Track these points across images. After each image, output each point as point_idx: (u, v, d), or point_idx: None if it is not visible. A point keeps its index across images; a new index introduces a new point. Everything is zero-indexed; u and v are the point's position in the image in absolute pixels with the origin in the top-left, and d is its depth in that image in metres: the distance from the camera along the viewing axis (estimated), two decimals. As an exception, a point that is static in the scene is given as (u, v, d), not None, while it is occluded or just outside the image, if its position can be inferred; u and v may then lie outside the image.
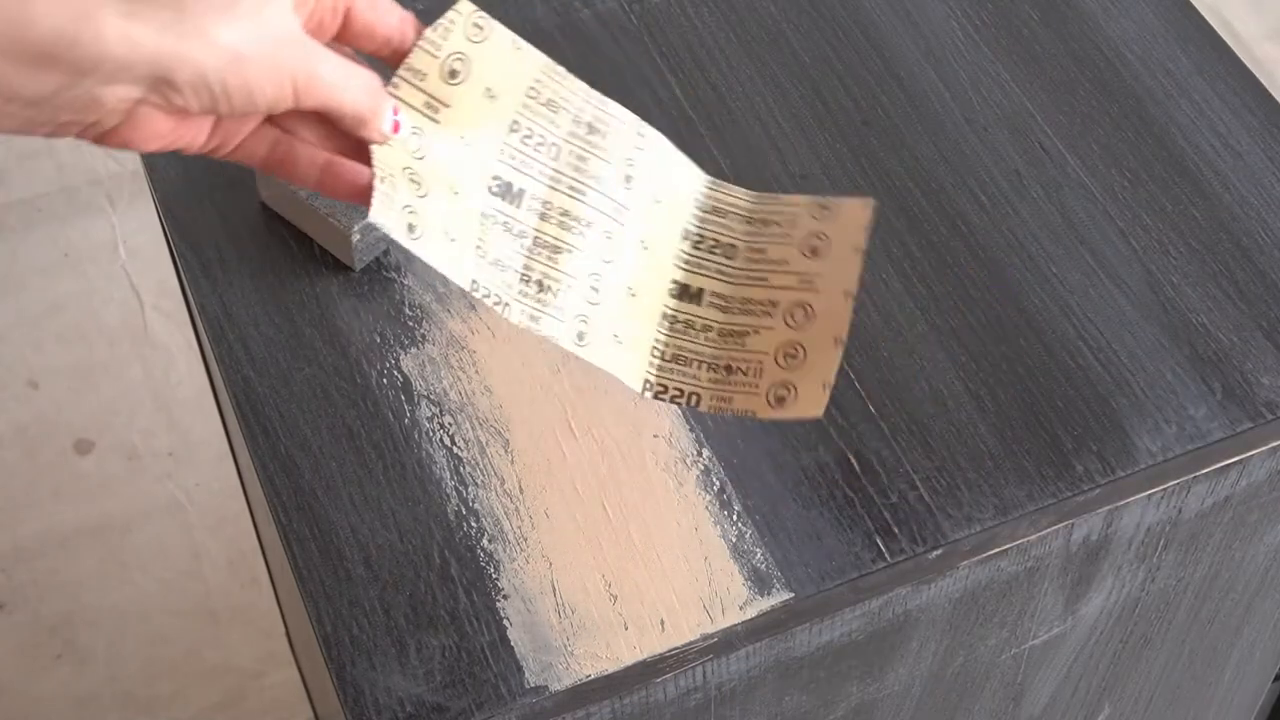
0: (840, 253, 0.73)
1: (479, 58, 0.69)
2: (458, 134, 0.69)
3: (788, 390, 0.72)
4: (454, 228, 0.68)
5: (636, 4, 0.99)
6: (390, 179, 0.66)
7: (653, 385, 0.74)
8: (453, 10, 0.68)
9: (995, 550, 0.80)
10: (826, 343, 0.72)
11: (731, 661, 0.77)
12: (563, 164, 0.71)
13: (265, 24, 0.60)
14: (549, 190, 0.71)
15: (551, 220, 0.71)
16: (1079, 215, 0.89)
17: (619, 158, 0.72)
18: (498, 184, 0.70)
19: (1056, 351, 0.84)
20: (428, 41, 0.68)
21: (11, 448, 1.75)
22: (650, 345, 0.74)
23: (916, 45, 0.97)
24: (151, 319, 1.88)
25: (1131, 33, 0.98)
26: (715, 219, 0.75)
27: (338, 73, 0.63)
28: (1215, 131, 0.93)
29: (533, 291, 0.70)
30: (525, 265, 0.70)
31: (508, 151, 0.70)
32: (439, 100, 0.68)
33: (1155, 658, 0.99)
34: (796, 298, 0.73)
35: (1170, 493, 0.83)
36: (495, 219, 0.70)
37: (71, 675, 1.58)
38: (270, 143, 0.66)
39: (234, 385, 0.83)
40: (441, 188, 0.68)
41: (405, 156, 0.67)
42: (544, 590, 0.76)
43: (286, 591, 1.18)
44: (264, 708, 1.57)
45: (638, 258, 0.73)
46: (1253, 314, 0.86)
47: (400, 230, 0.66)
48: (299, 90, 0.61)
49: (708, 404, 0.74)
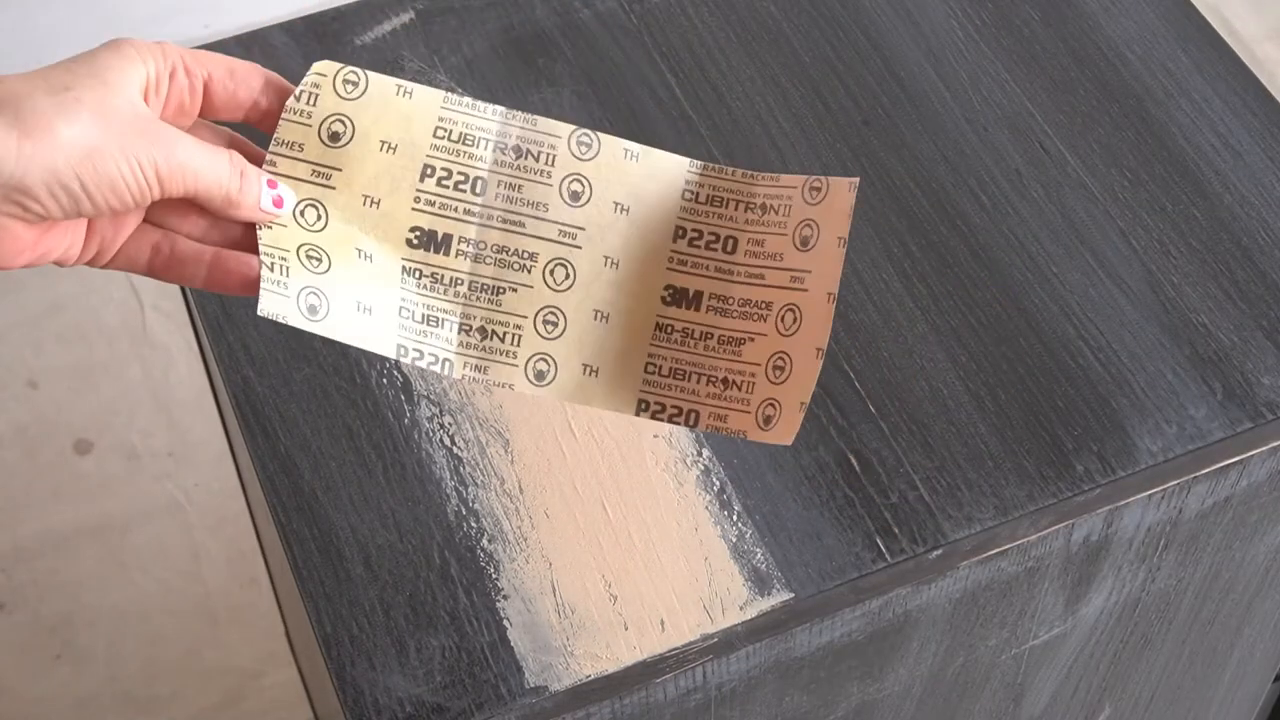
0: (826, 245, 0.67)
1: (361, 113, 0.65)
2: (359, 195, 0.65)
3: (774, 408, 0.66)
4: (368, 295, 0.65)
5: (636, 4, 0.99)
6: (281, 263, 0.63)
7: (649, 405, 0.68)
8: (312, 74, 0.65)
9: (995, 550, 0.80)
10: (809, 353, 0.66)
11: (731, 662, 0.77)
12: (492, 197, 0.67)
13: (113, 114, 0.57)
14: (480, 229, 0.67)
15: (487, 260, 0.67)
16: (1079, 215, 0.89)
17: (560, 176, 0.67)
18: (418, 235, 0.66)
19: (1057, 351, 0.84)
20: (292, 111, 0.64)
21: (11, 448, 1.75)
22: (643, 362, 0.68)
23: (917, 45, 0.97)
24: (151, 319, 1.88)
25: (1132, 32, 0.98)
26: (712, 209, 0.69)
27: (198, 154, 0.60)
28: (1215, 131, 0.93)
29: (476, 340, 0.67)
30: (464, 314, 0.67)
31: (424, 198, 0.66)
32: (327, 166, 0.65)
33: (1155, 658, 0.99)
34: (788, 299, 0.67)
35: (1170, 493, 0.83)
36: (420, 273, 0.66)
37: (71, 675, 1.58)
38: (152, 246, 0.63)
39: (233, 385, 0.83)
40: (348, 255, 0.65)
41: (299, 234, 0.64)
42: (544, 590, 0.76)
43: (286, 591, 1.17)
44: (264, 708, 1.56)
45: (603, 277, 0.68)
46: (1253, 314, 0.86)
47: (299, 315, 0.63)
48: (162, 177, 0.59)
49: (705, 422, 0.68)
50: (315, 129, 0.65)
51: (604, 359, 0.68)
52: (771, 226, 0.68)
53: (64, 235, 0.60)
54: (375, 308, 0.65)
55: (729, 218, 0.69)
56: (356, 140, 0.65)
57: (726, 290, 0.69)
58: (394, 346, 0.65)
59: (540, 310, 0.67)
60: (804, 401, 0.65)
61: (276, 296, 0.63)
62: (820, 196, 0.67)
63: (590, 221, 0.68)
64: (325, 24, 0.98)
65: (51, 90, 0.57)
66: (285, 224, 0.64)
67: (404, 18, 0.98)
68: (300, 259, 0.64)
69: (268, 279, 0.63)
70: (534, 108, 0.94)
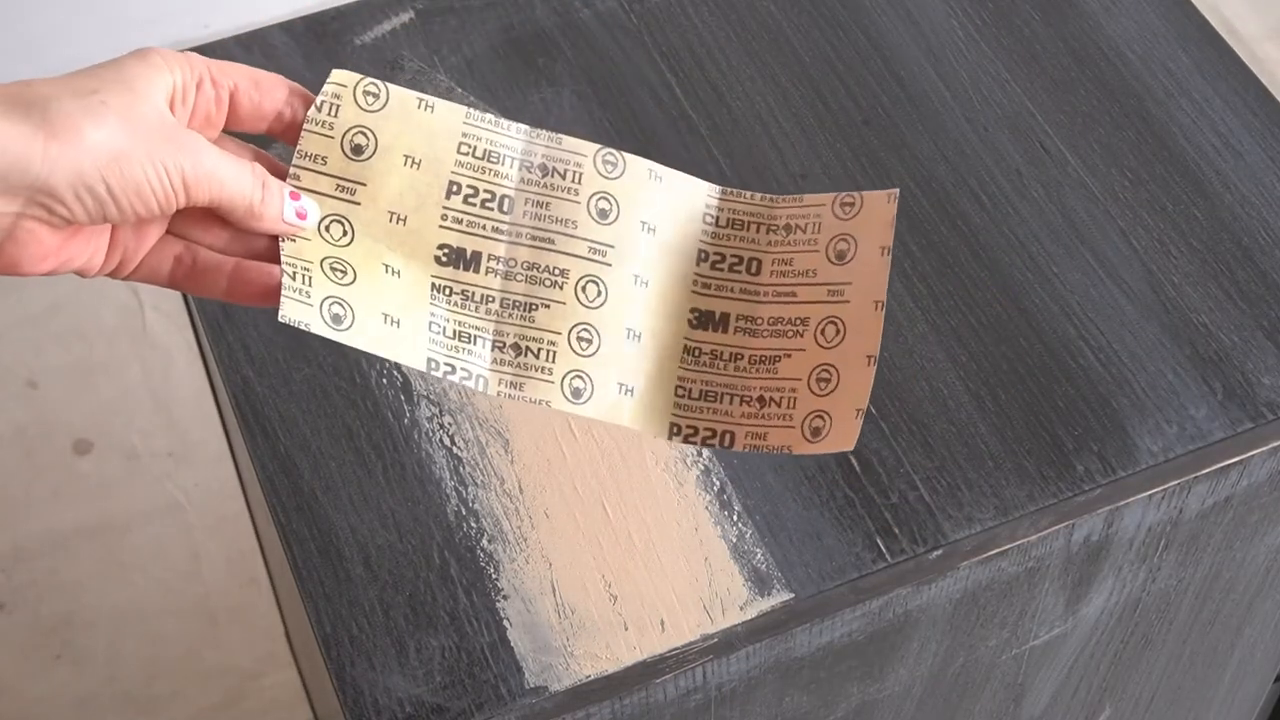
0: (867, 256, 0.67)
1: (383, 127, 0.65)
2: (385, 210, 0.65)
3: (823, 420, 0.65)
4: (396, 308, 0.64)
5: (636, 4, 0.99)
6: (304, 273, 0.63)
7: (681, 430, 0.67)
8: (331, 83, 0.64)
9: (996, 551, 0.80)
10: (859, 362, 0.65)
11: (731, 662, 0.77)
12: (520, 215, 0.66)
13: (140, 120, 0.57)
14: (509, 246, 0.66)
15: (518, 278, 0.66)
16: (1080, 215, 0.89)
17: (587, 194, 0.67)
18: (446, 253, 0.65)
19: (1057, 351, 0.84)
20: (313, 122, 0.64)
21: (11, 448, 1.75)
22: (673, 385, 0.68)
23: (917, 45, 0.97)
24: (150, 319, 1.88)
25: (1132, 32, 0.98)
26: (733, 232, 0.69)
27: (223, 163, 0.60)
28: (1216, 131, 0.93)
29: (510, 357, 0.66)
30: (496, 331, 0.66)
31: (451, 216, 0.65)
32: (351, 180, 0.64)
33: (1156, 658, 0.99)
34: (827, 312, 0.67)
35: (1171, 493, 0.83)
36: (450, 289, 0.66)
37: (71, 676, 1.58)
38: (174, 257, 0.63)
39: (233, 385, 0.83)
40: (374, 271, 0.64)
41: (325, 247, 0.64)
42: (544, 590, 0.76)
43: (286, 592, 1.17)
44: (263, 708, 1.56)
45: (634, 296, 0.67)
46: (1254, 314, 0.86)
47: (323, 323, 0.62)
48: (188, 183, 0.59)
49: (742, 442, 0.67)
50: (338, 140, 0.64)
51: (638, 379, 0.67)
52: (799, 245, 0.68)
53: (87, 243, 0.60)
54: (404, 321, 0.64)
55: (750, 240, 0.69)
56: (380, 154, 0.64)
57: (754, 311, 0.68)
58: (424, 359, 0.65)
59: (574, 326, 0.67)
60: (860, 408, 0.64)
61: (298, 304, 0.62)
62: (854, 211, 0.67)
63: (619, 239, 0.67)
64: (325, 24, 0.98)
65: (78, 94, 0.57)
66: (309, 237, 0.64)
67: (404, 17, 0.98)
68: (324, 271, 0.63)
69: (289, 286, 0.62)
70: (534, 108, 0.93)
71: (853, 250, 0.67)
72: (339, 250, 0.64)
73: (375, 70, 0.90)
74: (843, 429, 0.65)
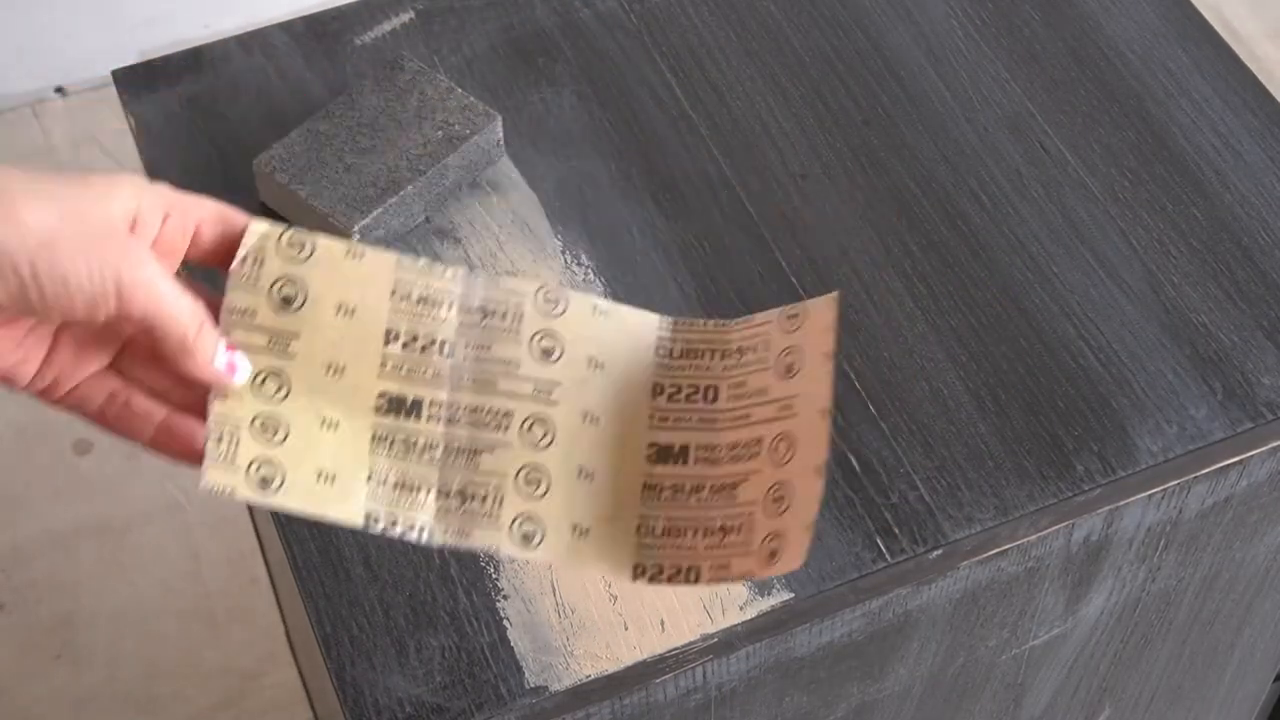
0: (812, 365, 0.65)
1: (312, 276, 0.63)
2: (322, 362, 0.63)
3: (778, 540, 0.63)
4: (331, 463, 0.63)
5: (636, 4, 0.99)
6: (231, 435, 0.62)
7: (646, 570, 0.65)
8: (252, 235, 0.63)
9: (995, 550, 0.80)
10: (808, 475, 0.63)
11: (731, 662, 0.77)
12: (460, 358, 0.64)
13: (83, 218, 0.56)
14: (450, 392, 0.64)
15: (461, 422, 0.64)
16: (1080, 215, 0.89)
17: (529, 333, 0.65)
18: (385, 401, 0.64)
19: (1057, 351, 0.84)
20: (238, 276, 0.62)
21: (11, 448, 1.75)
22: (634, 524, 0.65)
23: (917, 45, 0.97)
24: (151, 319, 1.88)
25: (1132, 32, 0.98)
26: (688, 362, 0.67)
27: (164, 281, 0.59)
28: (1216, 131, 0.93)
29: (455, 505, 0.64)
30: (440, 478, 0.64)
31: (390, 363, 0.64)
32: (284, 332, 0.63)
33: (1156, 658, 0.99)
34: (779, 429, 0.64)
35: (1171, 493, 0.83)
36: (391, 439, 0.64)
37: (70, 676, 1.58)
38: (109, 393, 0.62)
39: (233, 385, 0.83)
40: (310, 425, 0.63)
41: (255, 404, 0.62)
42: (544, 590, 0.76)
43: (286, 591, 1.17)
44: (263, 708, 1.56)
45: (584, 434, 0.65)
46: (1253, 314, 0.86)
47: (250, 488, 0.61)
48: (121, 289, 0.57)
49: (708, 575, 0.64)
50: (265, 293, 0.63)
51: (594, 519, 0.65)
52: (750, 366, 0.66)
53: (18, 343, 0.60)
54: (340, 476, 0.63)
55: (705, 368, 0.67)
56: (310, 304, 0.63)
57: (713, 439, 0.66)
58: (362, 515, 0.63)
59: (521, 468, 0.65)
60: (809, 524, 0.62)
61: (223, 469, 0.61)
62: (798, 323, 0.66)
63: (566, 377, 0.66)
64: (325, 24, 0.98)
65: (32, 181, 0.56)
66: (240, 396, 0.62)
67: (404, 17, 0.98)
68: (254, 429, 0.62)
69: (214, 452, 0.61)
70: (534, 108, 0.94)
71: (799, 362, 0.65)
72: (273, 406, 0.63)
73: (375, 70, 0.90)
74: (795, 549, 0.62)
